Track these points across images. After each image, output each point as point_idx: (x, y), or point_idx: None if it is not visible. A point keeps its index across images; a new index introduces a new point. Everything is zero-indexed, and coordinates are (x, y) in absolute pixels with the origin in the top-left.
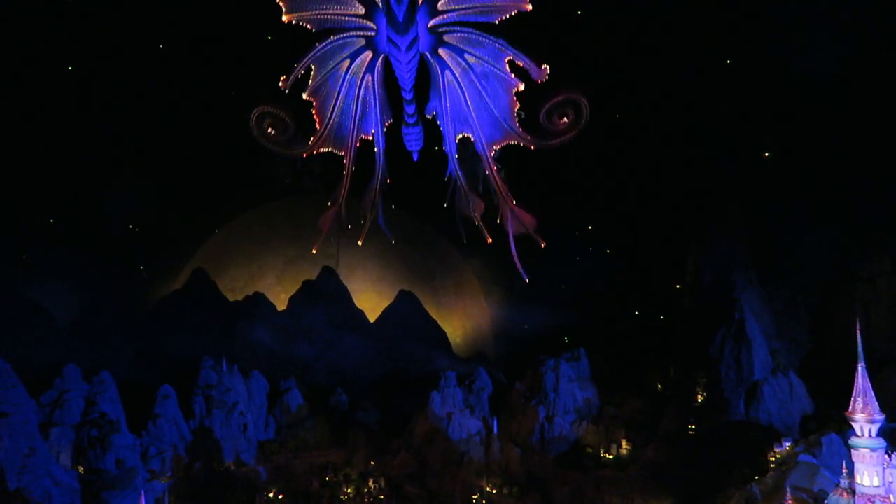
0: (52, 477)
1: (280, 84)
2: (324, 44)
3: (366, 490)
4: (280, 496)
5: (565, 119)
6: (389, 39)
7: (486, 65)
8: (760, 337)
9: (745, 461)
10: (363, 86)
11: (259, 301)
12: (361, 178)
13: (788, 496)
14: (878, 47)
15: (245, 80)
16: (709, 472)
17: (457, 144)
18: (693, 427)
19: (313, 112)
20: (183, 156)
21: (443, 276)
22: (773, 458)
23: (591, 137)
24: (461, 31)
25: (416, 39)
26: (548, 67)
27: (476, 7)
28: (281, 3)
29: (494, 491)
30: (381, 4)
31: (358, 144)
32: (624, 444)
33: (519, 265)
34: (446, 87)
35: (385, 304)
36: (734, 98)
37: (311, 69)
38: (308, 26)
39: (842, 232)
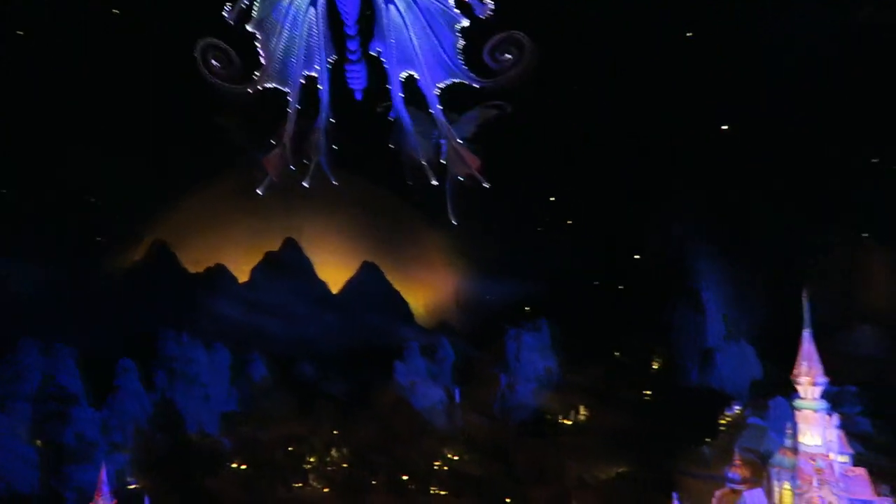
0: (12, 451)
1: (225, 13)
2: None
3: (330, 459)
4: (244, 466)
5: (508, 56)
6: None
7: None
8: (715, 305)
9: (698, 424)
10: (307, 20)
11: (221, 273)
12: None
13: (737, 457)
14: (833, 28)
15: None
16: (663, 435)
17: (403, 88)
18: (649, 393)
19: (257, 45)
20: (141, 126)
21: (407, 248)
22: (724, 422)
23: (555, 113)
24: None
25: None
26: (491, 2)
27: None
28: None
29: (457, 458)
30: None
31: (303, 81)
32: (583, 410)
33: (451, 207)
34: (391, 23)
35: (348, 275)
36: (694, 73)
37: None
38: None
39: (795, 204)
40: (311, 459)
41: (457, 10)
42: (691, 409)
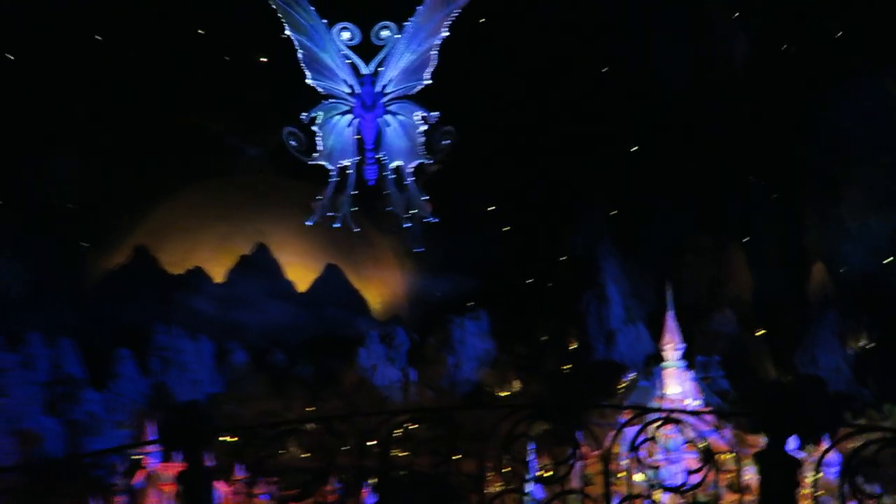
0: (40, 423)
1: (301, 116)
2: (328, 103)
3: (304, 429)
4: (235, 438)
5: (447, 141)
6: (361, 113)
7: (407, 117)
8: (617, 296)
9: (602, 389)
10: (345, 133)
11: (198, 274)
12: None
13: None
14: (718, 65)
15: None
16: (576, 399)
17: (394, 174)
18: (567, 367)
19: (317, 138)
20: (120, 141)
21: (362, 251)
22: (621, 386)
23: (495, 141)
24: (397, 104)
25: (376, 113)
26: (437, 114)
27: (404, 88)
28: (306, 69)
29: (413, 426)
30: (358, 90)
31: (339, 166)
32: (516, 382)
33: (419, 239)
34: (388, 136)
35: (312, 276)
36: (607, 103)
37: (319, 113)
38: (319, 90)
39: (679, 214)
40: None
41: (421, 122)
42: (598, 378)
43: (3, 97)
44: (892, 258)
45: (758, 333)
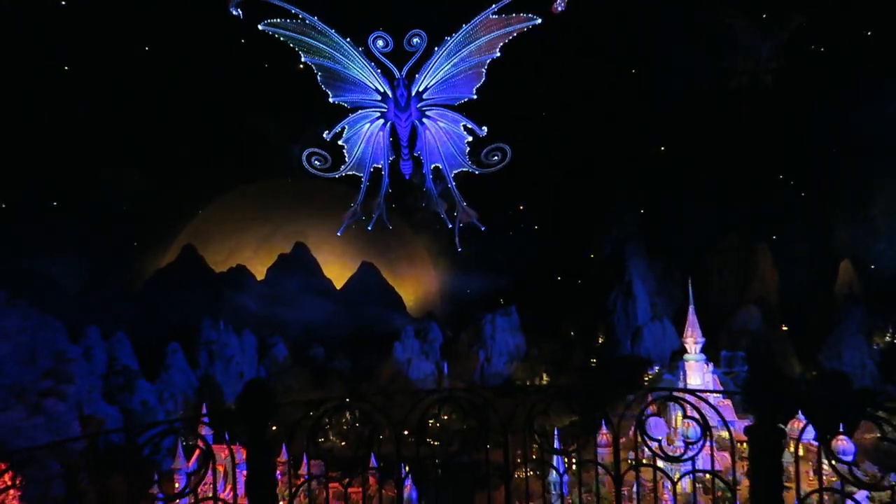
0: (103, 410)
1: (324, 135)
2: (356, 115)
3: (344, 420)
4: (273, 427)
5: (495, 157)
6: (395, 114)
7: (449, 125)
8: (643, 293)
9: (628, 382)
10: (376, 137)
11: (241, 272)
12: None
13: (650, 399)
14: (747, 69)
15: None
16: (603, 391)
17: (432, 174)
18: (594, 361)
19: (344, 151)
20: (167, 148)
21: (397, 250)
22: (647, 379)
23: (526, 144)
24: (436, 110)
25: (410, 114)
26: (486, 128)
27: (444, 98)
28: (327, 90)
29: (445, 417)
30: (390, 94)
31: (371, 170)
32: (544, 376)
33: (458, 240)
34: (426, 138)
35: (349, 273)
36: (636, 107)
37: (344, 127)
38: (345, 105)
39: (705, 216)
40: (329, 420)
41: (466, 133)
42: (624, 371)
43: (62, 110)
44: None
45: (782, 330)
